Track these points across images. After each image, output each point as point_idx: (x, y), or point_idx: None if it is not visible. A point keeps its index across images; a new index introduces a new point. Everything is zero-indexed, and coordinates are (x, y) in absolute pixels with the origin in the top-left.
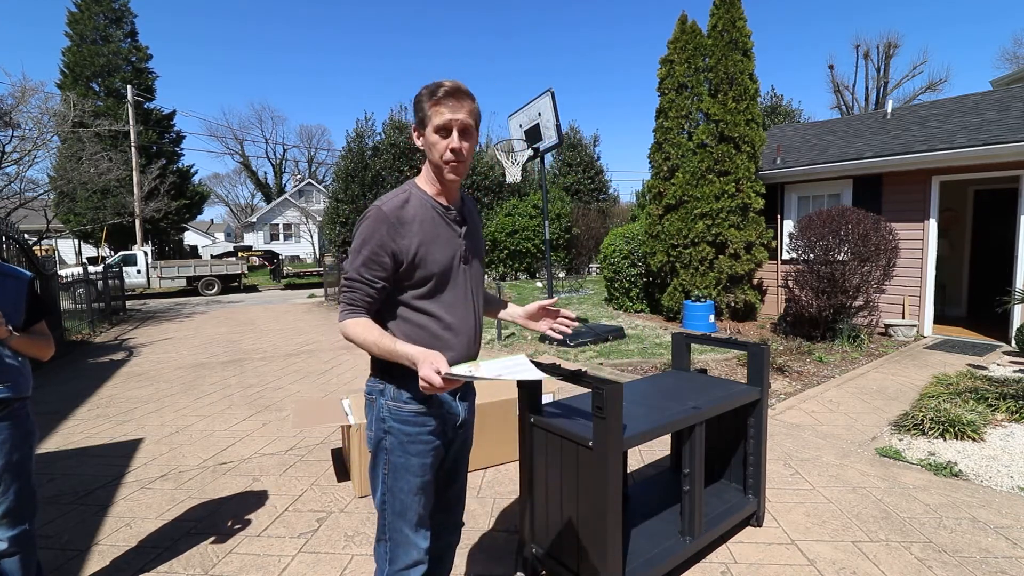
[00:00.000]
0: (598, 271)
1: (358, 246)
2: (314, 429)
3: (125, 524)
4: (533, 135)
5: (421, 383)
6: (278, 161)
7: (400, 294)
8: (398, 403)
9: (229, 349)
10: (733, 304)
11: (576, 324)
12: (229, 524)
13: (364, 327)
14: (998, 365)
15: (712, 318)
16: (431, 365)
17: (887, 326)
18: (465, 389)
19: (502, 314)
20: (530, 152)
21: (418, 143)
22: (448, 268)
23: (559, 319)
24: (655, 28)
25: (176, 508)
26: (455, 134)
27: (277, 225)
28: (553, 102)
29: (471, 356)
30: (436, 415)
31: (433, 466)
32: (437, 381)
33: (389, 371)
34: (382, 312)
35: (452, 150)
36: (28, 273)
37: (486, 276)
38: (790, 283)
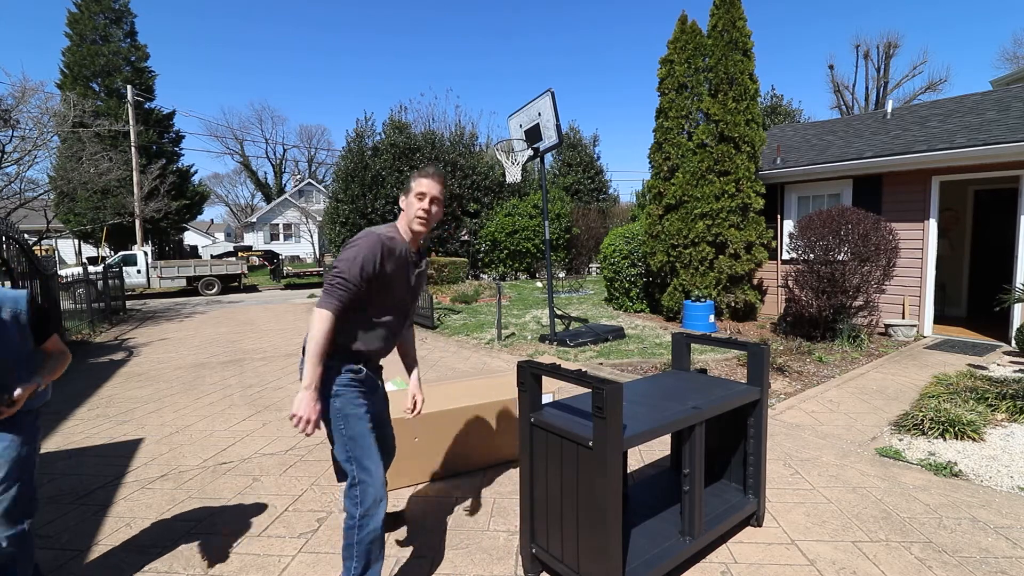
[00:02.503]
0: (598, 271)
1: (356, 255)
2: None
3: (125, 524)
4: (533, 135)
5: (292, 415)
6: (278, 161)
7: (361, 299)
8: (350, 373)
9: (229, 349)
10: (733, 304)
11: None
12: (229, 524)
13: (324, 324)
14: (998, 365)
15: (712, 318)
16: (308, 410)
17: (887, 326)
18: (379, 375)
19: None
20: (530, 152)
21: (402, 204)
22: (401, 299)
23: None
24: (655, 28)
25: (176, 508)
26: (427, 200)
27: (277, 225)
28: (553, 102)
29: (386, 355)
30: (364, 381)
31: (370, 412)
32: (299, 428)
33: (332, 355)
34: (351, 319)
35: (423, 210)
36: (21, 293)
37: (486, 276)
38: (790, 283)
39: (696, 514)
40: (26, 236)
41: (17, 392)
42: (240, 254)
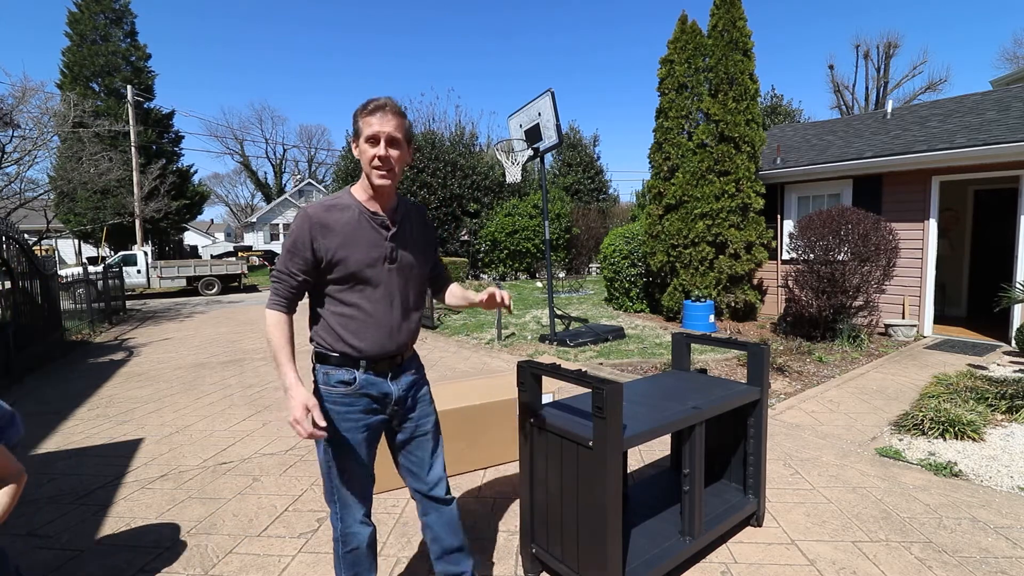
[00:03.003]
0: (598, 271)
1: (285, 243)
2: None
3: (125, 524)
4: (533, 135)
5: (289, 422)
6: (278, 161)
7: (326, 287)
8: (328, 386)
9: (229, 349)
10: (733, 304)
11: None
12: (229, 524)
13: (277, 325)
14: (998, 365)
15: (712, 318)
16: (295, 412)
17: (887, 326)
18: (399, 369)
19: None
20: (530, 152)
21: (356, 153)
22: (368, 267)
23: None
24: (655, 28)
25: (176, 508)
26: (381, 144)
27: (277, 225)
28: (553, 102)
29: (392, 348)
30: (362, 395)
31: (367, 441)
32: (300, 432)
33: (321, 359)
34: (313, 300)
35: (380, 157)
36: None
37: (487, 276)
38: (790, 283)
39: (696, 514)
40: (26, 236)
41: None
42: (240, 254)
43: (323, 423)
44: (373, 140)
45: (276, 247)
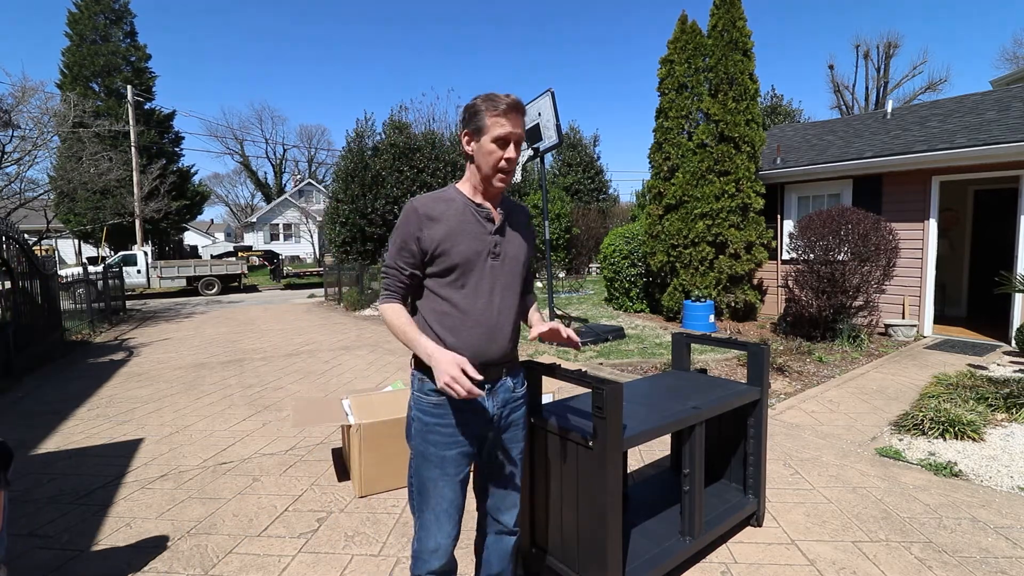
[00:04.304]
0: (598, 271)
1: (393, 237)
2: (314, 429)
3: (125, 524)
4: (533, 135)
5: (440, 385)
6: (278, 161)
7: (427, 280)
8: (421, 393)
9: (229, 349)
10: (733, 304)
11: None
12: (229, 524)
13: (395, 313)
14: (998, 365)
15: (712, 318)
16: (449, 370)
17: (887, 326)
18: (500, 383)
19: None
20: (530, 152)
21: (468, 149)
22: (472, 260)
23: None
24: (656, 28)
25: (176, 508)
26: (511, 146)
27: (277, 225)
28: (553, 102)
29: (493, 353)
30: (457, 408)
31: (455, 460)
32: (459, 390)
33: (420, 363)
34: (413, 296)
35: (508, 159)
36: None
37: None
38: (790, 283)
39: (696, 514)
40: (26, 236)
41: None
42: (240, 254)
43: (479, 377)
44: (503, 141)
45: (276, 247)
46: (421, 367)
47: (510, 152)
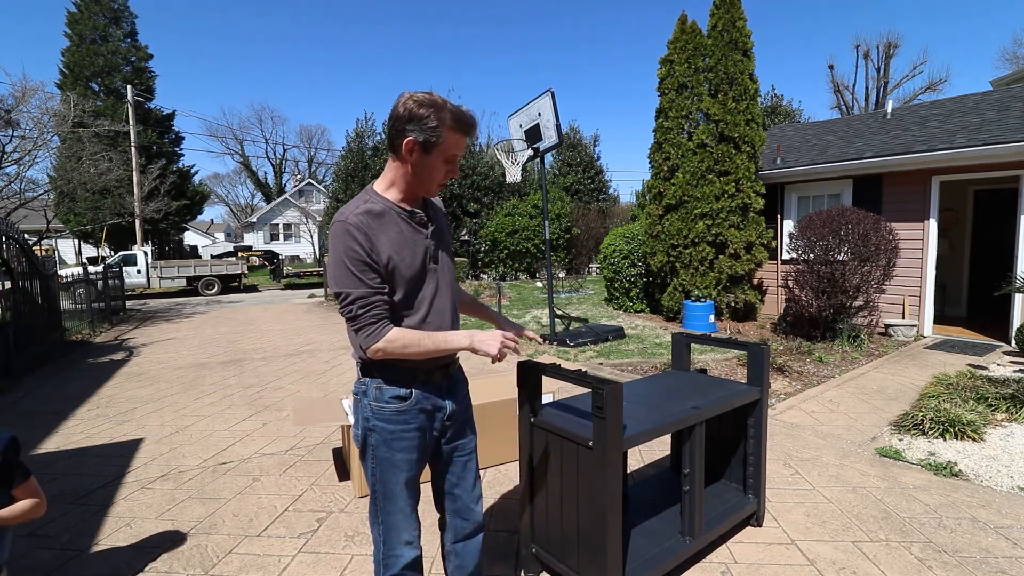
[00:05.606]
0: (598, 271)
1: (341, 267)
2: (314, 429)
3: (125, 524)
4: (533, 135)
5: (498, 352)
6: (278, 161)
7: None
8: (380, 403)
9: (229, 349)
10: (733, 304)
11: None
12: (229, 524)
13: (401, 333)
14: (998, 365)
15: (712, 318)
16: (497, 338)
17: (887, 326)
18: (451, 381)
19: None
20: (530, 152)
21: (408, 156)
22: (419, 270)
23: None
24: (656, 28)
25: (176, 508)
26: (455, 163)
27: (277, 225)
28: (553, 102)
29: (446, 356)
30: (419, 411)
31: (420, 460)
32: (516, 347)
33: (371, 371)
34: None
35: (452, 174)
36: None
37: (486, 276)
38: (790, 283)
39: (696, 514)
40: (26, 236)
41: None
42: (240, 254)
43: (518, 338)
44: (452, 160)
45: (276, 247)
46: (376, 374)
47: (455, 168)
